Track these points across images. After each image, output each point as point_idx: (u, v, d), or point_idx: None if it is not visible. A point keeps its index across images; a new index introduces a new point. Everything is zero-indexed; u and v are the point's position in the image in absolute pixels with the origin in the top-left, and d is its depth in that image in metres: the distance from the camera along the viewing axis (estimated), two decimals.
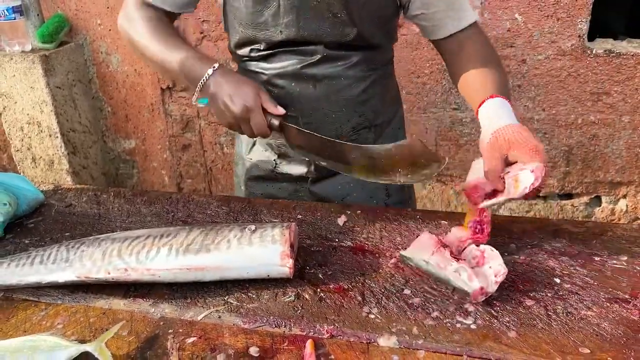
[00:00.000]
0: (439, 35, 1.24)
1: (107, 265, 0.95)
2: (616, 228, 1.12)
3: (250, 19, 1.19)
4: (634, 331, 0.83)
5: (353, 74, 1.25)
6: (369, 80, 1.28)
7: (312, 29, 1.18)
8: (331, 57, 1.22)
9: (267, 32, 1.20)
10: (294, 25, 1.18)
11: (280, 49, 1.22)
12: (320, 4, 1.15)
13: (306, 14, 1.16)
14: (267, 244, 0.96)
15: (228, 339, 0.86)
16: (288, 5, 1.16)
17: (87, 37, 2.64)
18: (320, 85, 1.24)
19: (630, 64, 2.13)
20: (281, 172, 1.38)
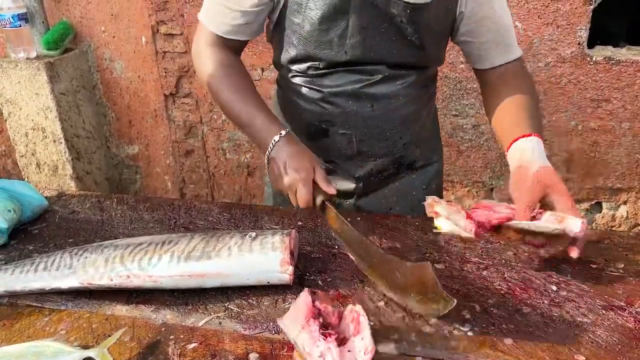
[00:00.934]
0: (484, 65, 1.25)
1: (110, 272, 0.97)
2: (613, 235, 1.13)
3: (313, 37, 1.17)
4: (629, 338, 0.84)
5: (409, 92, 1.25)
6: (423, 99, 1.31)
7: (378, 51, 1.18)
8: (391, 76, 1.22)
9: (330, 51, 1.18)
10: (360, 46, 1.16)
11: (341, 67, 1.20)
12: (390, 27, 1.14)
13: (374, 36, 1.15)
14: (267, 251, 0.98)
15: (228, 345, 0.87)
16: (357, 26, 1.14)
17: (92, 44, 2.67)
18: (377, 104, 1.24)
19: (630, 71, 2.14)
20: None
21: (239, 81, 1.22)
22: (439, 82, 2.32)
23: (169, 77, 2.62)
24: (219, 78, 1.21)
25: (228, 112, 1.22)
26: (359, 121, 1.25)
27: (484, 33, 1.19)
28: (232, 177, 2.79)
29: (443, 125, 2.41)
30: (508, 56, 1.22)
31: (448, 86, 2.33)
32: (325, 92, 1.24)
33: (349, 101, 1.23)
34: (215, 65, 1.21)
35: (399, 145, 1.32)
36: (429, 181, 1.42)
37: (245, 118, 1.17)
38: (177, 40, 2.54)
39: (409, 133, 1.31)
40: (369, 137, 1.27)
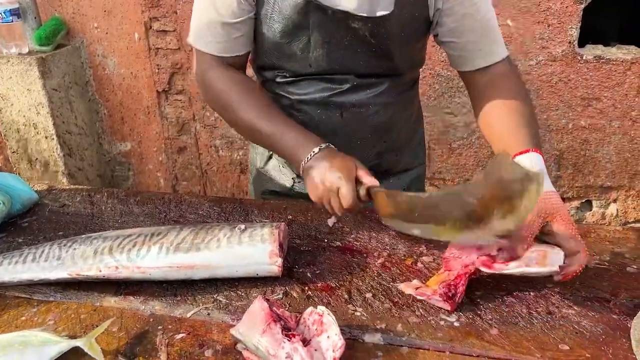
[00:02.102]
0: (467, 67, 1.17)
1: (99, 263, 0.97)
2: (600, 230, 1.14)
3: (277, 49, 1.15)
4: (613, 329, 0.85)
5: (380, 101, 1.21)
6: (395, 107, 1.25)
7: (343, 63, 1.14)
8: (361, 85, 1.18)
9: (295, 63, 1.16)
10: (324, 59, 1.13)
11: (308, 77, 1.18)
12: (354, 39, 1.11)
13: (338, 49, 1.12)
14: (256, 243, 0.98)
15: (216, 335, 0.87)
16: (318, 40, 1.11)
17: (84, 40, 2.66)
18: (347, 113, 1.20)
19: (620, 70, 2.16)
20: (299, 191, 1.34)
21: (258, 98, 1.16)
22: (431, 79, 2.34)
23: (162, 74, 2.62)
24: (235, 98, 1.15)
25: (251, 132, 1.15)
26: (328, 129, 1.20)
27: (466, 32, 1.13)
28: (224, 174, 2.79)
29: (435, 122, 2.42)
30: (493, 57, 1.15)
31: (440, 84, 2.35)
32: (294, 100, 1.21)
33: (317, 110, 1.20)
34: (226, 85, 1.16)
35: (371, 154, 1.26)
36: (408, 185, 1.39)
37: (275, 135, 1.11)
38: (170, 37, 2.54)
39: (383, 142, 1.27)
40: (340, 146, 1.17)
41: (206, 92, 1.21)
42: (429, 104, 2.39)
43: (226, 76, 1.17)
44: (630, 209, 2.43)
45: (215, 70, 1.17)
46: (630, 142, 2.28)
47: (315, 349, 0.79)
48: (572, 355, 0.80)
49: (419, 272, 1.02)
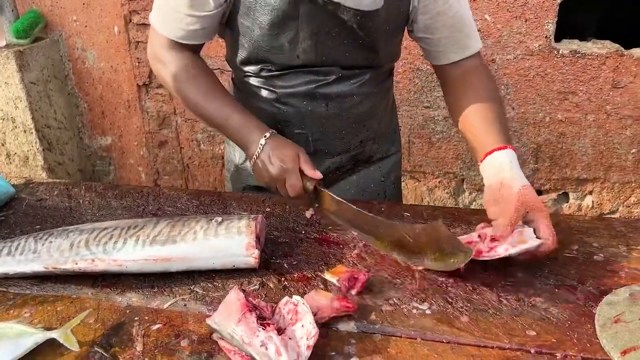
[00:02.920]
0: (441, 61, 1.22)
1: (75, 256, 0.97)
2: (570, 220, 1.17)
3: (264, 42, 1.15)
4: (578, 315, 0.88)
5: (364, 91, 1.25)
6: (376, 96, 1.29)
7: (330, 55, 1.17)
8: (345, 76, 1.21)
9: (282, 55, 1.16)
10: (312, 51, 1.15)
11: (294, 69, 1.19)
12: (341, 31, 1.13)
13: (326, 41, 1.14)
14: (233, 235, 0.99)
15: (192, 325, 0.89)
16: (307, 32, 1.13)
17: (63, 33, 2.64)
18: (332, 103, 1.23)
19: (595, 64, 2.20)
20: None
21: (206, 81, 1.20)
22: (411, 74, 2.36)
23: (142, 68, 2.61)
24: (185, 81, 1.19)
25: (200, 114, 1.21)
26: (314, 121, 1.24)
27: (439, 29, 1.17)
28: (206, 168, 2.78)
29: (415, 116, 2.45)
30: (465, 52, 1.19)
31: (419, 78, 2.37)
32: (280, 93, 1.23)
33: (303, 101, 1.22)
34: (178, 68, 1.18)
35: (355, 142, 1.31)
36: (388, 173, 1.43)
37: (219, 118, 1.16)
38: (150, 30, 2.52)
39: (365, 130, 1.31)
40: (325, 136, 1.25)
41: (158, 70, 1.23)
42: (408, 97, 2.41)
43: (179, 57, 1.19)
44: (606, 201, 2.48)
45: (170, 51, 1.19)
46: (605, 135, 2.33)
47: (290, 338, 0.80)
48: (538, 340, 0.83)
49: (394, 262, 1.04)
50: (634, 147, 2.33)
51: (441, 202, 2.61)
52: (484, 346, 0.82)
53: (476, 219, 1.17)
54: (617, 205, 2.48)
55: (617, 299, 0.88)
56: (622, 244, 1.07)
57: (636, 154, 2.34)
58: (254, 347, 0.78)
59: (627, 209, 2.47)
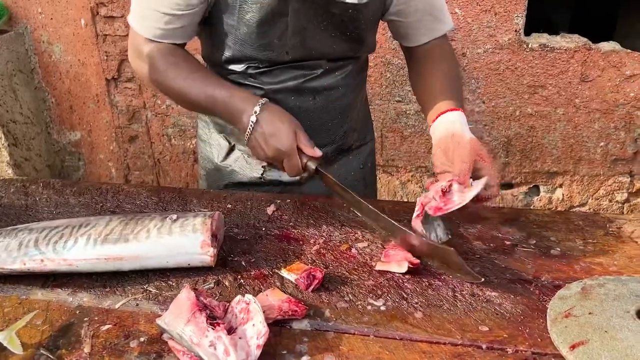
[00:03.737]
0: (411, 43, 1.27)
1: (23, 256, 0.95)
2: (529, 213, 1.17)
3: (251, 39, 1.13)
4: (532, 309, 0.88)
5: (347, 82, 1.27)
6: (358, 87, 1.33)
7: (319, 49, 1.17)
8: (331, 69, 1.23)
9: (271, 52, 1.15)
10: (301, 46, 1.15)
11: (283, 65, 1.18)
12: (330, 24, 1.14)
13: (314, 35, 1.14)
14: (187, 233, 0.97)
15: (143, 325, 0.87)
16: (296, 27, 1.12)
17: (28, 26, 2.57)
18: (319, 97, 1.24)
19: (564, 58, 2.22)
20: (271, 179, 1.35)
21: (187, 66, 1.15)
22: (382, 68, 2.36)
23: (111, 61, 2.56)
24: (165, 70, 1.14)
25: (185, 100, 1.17)
26: (302, 115, 1.21)
27: (412, 13, 1.20)
28: (178, 163, 2.75)
29: (387, 111, 2.44)
30: (434, 33, 1.24)
31: (391, 72, 2.36)
32: (267, 90, 1.21)
33: (291, 96, 1.22)
34: (156, 59, 1.14)
35: (340, 133, 1.33)
36: (365, 160, 1.45)
37: (205, 98, 1.12)
38: (118, 23, 2.47)
39: (349, 120, 1.33)
40: (311, 129, 1.22)
41: (140, 69, 1.18)
42: (380, 92, 2.41)
43: (157, 49, 1.15)
44: (575, 194, 2.51)
45: (149, 45, 1.15)
46: (574, 129, 2.35)
47: (240, 337, 0.79)
48: (490, 335, 0.83)
49: (353, 258, 1.03)
50: (602, 141, 2.36)
51: (414, 196, 2.62)
52: (436, 342, 0.82)
53: None
54: (586, 198, 2.51)
55: (569, 293, 0.89)
56: (579, 237, 1.08)
57: (604, 147, 2.37)
58: (202, 348, 0.77)
59: (596, 201, 2.50)
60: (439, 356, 0.79)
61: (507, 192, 2.56)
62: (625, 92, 2.24)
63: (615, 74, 2.22)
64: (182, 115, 2.62)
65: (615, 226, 1.12)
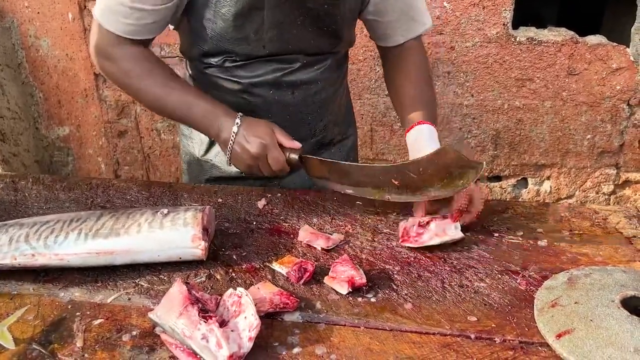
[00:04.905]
0: (387, 43, 1.28)
1: (14, 251, 0.94)
2: (517, 206, 1.19)
3: (228, 33, 1.13)
4: (519, 300, 0.90)
5: (326, 76, 1.27)
6: (338, 81, 1.33)
7: (295, 43, 1.17)
8: (309, 63, 1.23)
9: (247, 46, 1.15)
10: (277, 40, 1.15)
11: (260, 58, 1.18)
12: (306, 19, 1.13)
13: (291, 29, 1.14)
14: (178, 227, 0.98)
15: (135, 319, 0.87)
16: (273, 21, 1.12)
17: (15, 20, 2.55)
18: (298, 91, 1.24)
19: (551, 52, 2.24)
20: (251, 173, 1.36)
21: (163, 74, 1.15)
22: (372, 62, 2.36)
23: None
24: (139, 75, 1.13)
25: (159, 108, 1.17)
26: (281, 109, 1.25)
27: (389, 12, 1.21)
28: (167, 158, 2.74)
29: (377, 105, 2.45)
30: (409, 34, 1.25)
31: (380, 66, 2.36)
32: (245, 83, 1.21)
33: (269, 90, 1.22)
34: (131, 63, 1.13)
35: (319, 127, 1.34)
36: (347, 154, 1.46)
37: (182, 109, 1.13)
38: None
39: (328, 114, 1.34)
40: (291, 123, 1.25)
41: (105, 67, 1.16)
42: (370, 86, 2.41)
43: (130, 52, 1.13)
44: (563, 186, 2.53)
45: (119, 47, 1.12)
46: (561, 122, 2.38)
47: (232, 330, 0.80)
48: (479, 325, 0.84)
49: (343, 251, 1.04)
50: (589, 133, 2.38)
51: None
52: (425, 333, 0.83)
53: None
54: (573, 190, 2.54)
55: (556, 283, 0.90)
56: (565, 229, 1.10)
57: (591, 139, 2.40)
58: (194, 340, 0.78)
59: (583, 193, 2.53)
60: (428, 346, 0.80)
61: (495, 184, 2.58)
62: (611, 85, 2.27)
63: (602, 67, 2.24)
64: None
65: (601, 217, 1.14)
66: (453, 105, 2.39)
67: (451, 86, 2.36)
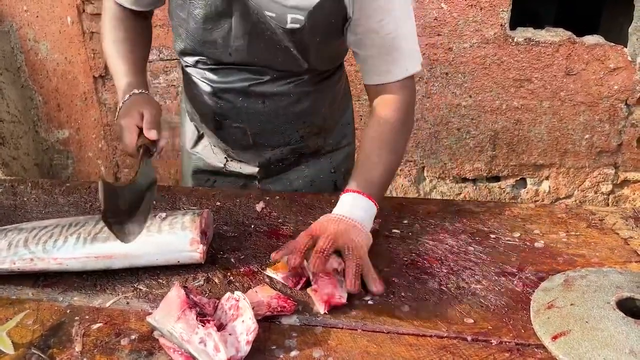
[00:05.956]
0: (365, 79, 1.15)
1: (13, 256, 0.95)
2: (514, 207, 1.19)
3: (198, 35, 1.14)
4: (516, 301, 0.90)
5: (300, 90, 1.22)
6: (319, 93, 1.25)
7: (262, 57, 1.14)
8: (280, 77, 1.18)
9: (215, 51, 1.15)
10: (244, 50, 1.12)
11: (229, 66, 1.17)
12: (272, 37, 1.09)
13: (259, 42, 1.11)
14: (176, 230, 0.98)
15: (134, 323, 0.88)
16: (240, 30, 1.10)
17: (14, 24, 2.55)
18: (268, 101, 1.21)
19: (549, 52, 2.24)
20: (231, 170, 1.38)
21: (120, 36, 1.19)
22: None
23: (98, 59, 2.55)
24: (106, 31, 1.21)
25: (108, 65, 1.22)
26: (251, 116, 1.22)
27: (368, 46, 1.10)
28: (167, 160, 2.75)
29: None
30: (387, 77, 1.11)
31: None
32: (215, 87, 1.21)
33: (239, 97, 1.20)
34: (107, 20, 1.21)
35: (295, 137, 1.29)
36: (338, 164, 1.42)
37: (115, 72, 1.16)
38: None
39: (306, 126, 1.29)
40: (264, 130, 1.23)
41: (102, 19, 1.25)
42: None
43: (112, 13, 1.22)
44: (561, 186, 2.54)
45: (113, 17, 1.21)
46: (559, 122, 2.38)
47: (230, 334, 0.80)
48: (475, 327, 0.85)
49: None
50: (587, 133, 2.39)
51: (402, 190, 2.64)
52: (422, 335, 0.83)
53: (422, 209, 1.19)
54: (572, 190, 2.55)
55: (552, 285, 0.91)
56: (562, 230, 1.10)
57: (589, 139, 2.41)
58: (192, 344, 0.78)
59: (581, 193, 2.54)
60: (425, 348, 0.80)
61: (494, 185, 2.59)
62: (609, 85, 2.27)
63: (600, 67, 2.25)
64: (170, 113, 2.62)
65: (598, 218, 1.14)
66: (451, 106, 2.40)
67: (449, 87, 2.37)
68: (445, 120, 2.43)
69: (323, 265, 0.92)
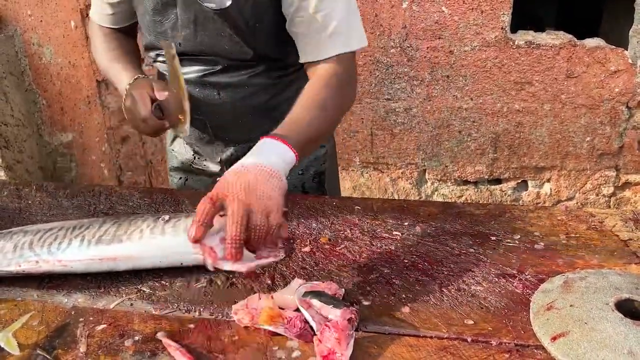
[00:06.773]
0: (300, 57, 1.15)
1: (18, 258, 0.96)
2: (514, 209, 1.20)
3: (152, 27, 1.20)
4: (516, 303, 0.91)
5: (258, 82, 1.22)
6: (278, 87, 1.25)
7: (209, 45, 1.16)
8: (233, 67, 1.19)
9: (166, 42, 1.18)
10: (191, 39, 1.16)
11: (182, 56, 1.18)
12: (216, 23, 1.12)
13: (204, 30, 1.14)
14: (179, 233, 0.99)
15: (138, 325, 0.89)
16: (185, 19, 1.14)
17: (18, 29, 2.58)
18: (224, 92, 1.22)
19: (550, 55, 2.25)
20: (198, 167, 1.42)
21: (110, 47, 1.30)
22: (371, 66, 2.38)
23: None
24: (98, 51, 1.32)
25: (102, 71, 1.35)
26: (209, 108, 1.24)
27: (297, 24, 1.11)
28: None
29: (376, 109, 2.47)
30: (316, 55, 1.11)
31: (380, 70, 2.38)
32: None
33: (195, 88, 1.23)
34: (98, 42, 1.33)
35: (257, 132, 1.15)
36: (306, 167, 1.39)
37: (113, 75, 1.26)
38: None
39: (269, 122, 1.17)
40: (223, 123, 1.25)
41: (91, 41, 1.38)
42: (370, 90, 2.43)
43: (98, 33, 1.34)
44: (563, 188, 2.54)
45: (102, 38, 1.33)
46: (560, 124, 2.39)
47: None
48: (475, 329, 0.86)
49: (342, 256, 1.05)
50: (588, 136, 2.40)
51: (404, 193, 2.65)
52: (422, 336, 0.84)
53: (423, 211, 1.20)
54: (573, 192, 2.55)
55: (552, 286, 0.91)
56: (562, 232, 1.11)
57: (590, 142, 2.41)
58: None
59: (583, 195, 2.54)
60: (425, 349, 0.81)
61: (496, 187, 2.59)
62: (610, 87, 2.28)
63: (600, 70, 2.25)
64: None
65: (598, 220, 1.15)
66: (452, 108, 2.41)
67: (450, 90, 2.38)
68: (447, 123, 2.44)
69: (241, 255, 0.80)
